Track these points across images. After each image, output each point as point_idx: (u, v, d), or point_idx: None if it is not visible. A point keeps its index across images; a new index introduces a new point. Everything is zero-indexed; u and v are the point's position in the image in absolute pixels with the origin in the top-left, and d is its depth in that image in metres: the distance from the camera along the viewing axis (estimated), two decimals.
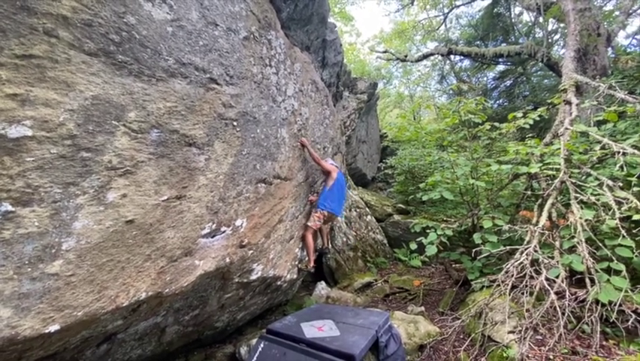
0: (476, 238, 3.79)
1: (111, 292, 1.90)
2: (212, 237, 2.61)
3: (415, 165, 8.11)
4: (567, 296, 2.63)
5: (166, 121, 2.12)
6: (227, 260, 2.77)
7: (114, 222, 1.90)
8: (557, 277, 2.83)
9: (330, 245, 5.98)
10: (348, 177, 8.30)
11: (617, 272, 2.66)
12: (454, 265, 5.83)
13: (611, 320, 2.54)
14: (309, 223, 4.04)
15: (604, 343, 2.59)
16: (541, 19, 9.46)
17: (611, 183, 3.03)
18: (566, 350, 2.53)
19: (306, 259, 4.48)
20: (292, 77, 3.67)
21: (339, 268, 5.98)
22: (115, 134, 1.88)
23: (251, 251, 3.09)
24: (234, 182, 2.72)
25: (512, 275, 2.96)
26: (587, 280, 2.75)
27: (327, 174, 4.25)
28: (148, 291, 2.09)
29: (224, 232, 2.70)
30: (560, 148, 3.79)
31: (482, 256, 3.53)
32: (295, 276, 4.27)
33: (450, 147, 5.91)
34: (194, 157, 2.33)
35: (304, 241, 4.15)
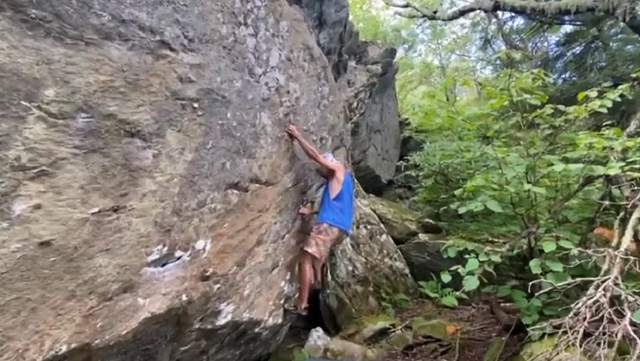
0: (534, 266, 3.81)
1: (18, 344, 1.88)
2: (163, 265, 2.61)
3: (448, 165, 8.16)
4: None
5: (98, 102, 2.13)
6: (184, 298, 2.77)
7: (23, 244, 1.88)
8: None
9: (327, 277, 6.06)
10: (355, 181, 8.36)
11: None
12: (502, 305, 5.86)
13: None
14: (309, 249, 4.15)
15: None
16: None
17: None
18: None
19: (296, 296, 4.49)
20: (277, 40, 3.71)
21: (343, 309, 5.99)
22: (25, 120, 1.87)
23: (218, 285, 3.08)
24: (194, 187, 2.74)
25: (584, 319, 2.96)
26: None
27: (329, 175, 4.36)
28: (71, 342, 2.07)
29: (179, 258, 2.71)
30: None
31: (542, 291, 3.54)
32: (280, 320, 4.29)
33: (497, 139, 5.96)
34: (138, 152, 2.34)
35: (300, 273, 4.28)
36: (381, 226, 7.78)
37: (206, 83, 2.77)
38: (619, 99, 4.38)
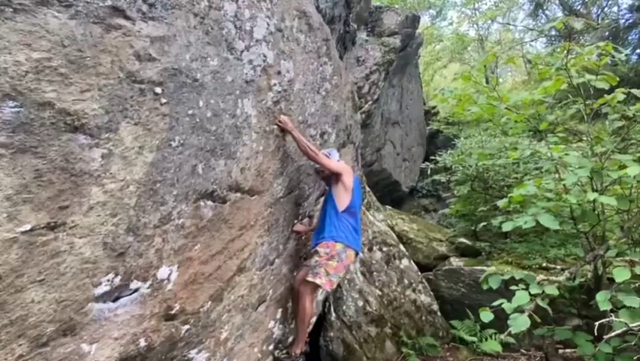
0: (602, 300, 3.78)
1: None
2: (115, 300, 2.59)
3: (488, 167, 8.12)
4: None
5: (31, 86, 2.11)
6: (143, 343, 2.74)
7: None
8: None
9: (329, 315, 6.04)
10: (367, 189, 8.49)
11: None
12: (561, 351, 5.81)
13: None
14: (317, 281, 4.12)
15: None
16: None
17: None
18: None
19: (290, 339, 4.46)
20: (264, 5, 3.70)
21: (351, 357, 5.95)
22: None
23: (187, 326, 3.06)
24: (156, 198, 2.73)
25: None
26: None
27: (333, 180, 4.39)
28: None
29: (136, 290, 2.69)
30: None
31: (613, 334, 3.50)
32: None
33: (552, 134, 5.94)
34: (83, 152, 2.31)
35: (299, 310, 4.26)
36: (402, 247, 7.65)
37: (172, 62, 2.75)
38: None
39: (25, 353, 2.17)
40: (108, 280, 2.51)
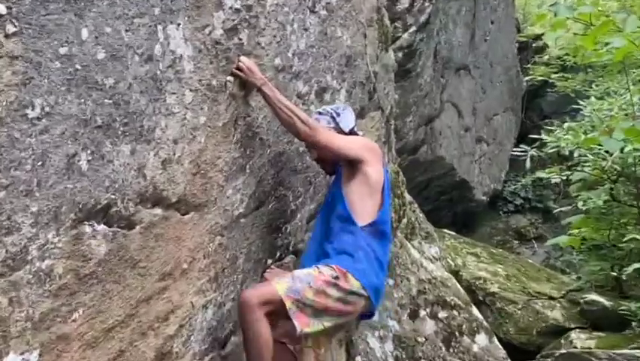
0: None
1: None
2: None
3: None
4: None
5: None
6: None
7: None
8: None
9: None
10: (405, 197, 5.86)
11: None
12: None
13: None
14: (287, 300, 2.87)
15: None
16: None
17: None
18: None
19: None
20: None
21: None
22: None
23: None
24: None
25: None
26: None
27: (347, 167, 3.18)
28: None
29: None
30: None
31: None
32: None
33: None
34: None
35: (246, 335, 3.00)
36: (475, 312, 5.48)
37: None
38: None
39: None
40: None
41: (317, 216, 3.59)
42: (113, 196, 2.27)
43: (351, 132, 3.28)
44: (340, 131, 3.23)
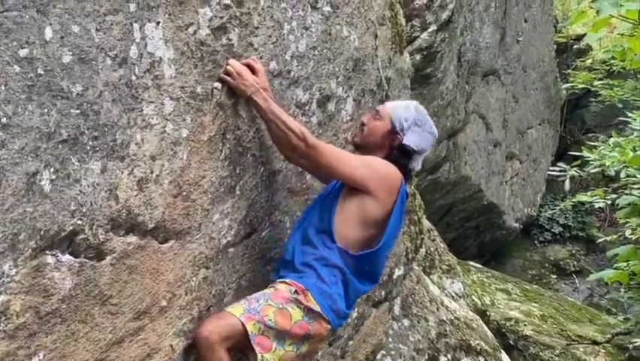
0: None
1: None
2: None
3: None
4: None
5: None
6: None
7: None
8: None
9: None
10: (424, 223, 5.38)
11: None
12: None
13: None
14: (248, 323, 2.68)
15: None
16: None
17: None
18: None
19: None
20: None
21: None
22: None
23: None
24: None
25: None
26: None
27: (351, 188, 2.85)
28: None
29: None
30: None
31: None
32: None
33: None
34: None
35: None
36: (504, 357, 4.98)
37: None
38: None
39: None
40: None
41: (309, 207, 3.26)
42: (79, 222, 2.04)
43: (404, 151, 2.88)
44: (394, 142, 2.89)
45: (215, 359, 2.53)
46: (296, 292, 2.68)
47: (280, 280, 2.78)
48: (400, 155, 2.86)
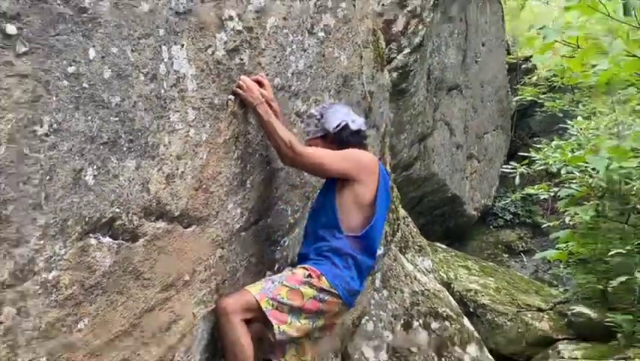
0: None
1: None
2: None
3: (630, 174, 5.50)
4: None
5: None
6: None
7: None
8: None
9: None
10: (400, 211, 5.88)
11: None
12: None
13: None
14: (262, 300, 2.85)
15: None
16: None
17: None
18: None
19: None
20: None
21: None
22: None
23: None
24: (6, 232, 1.96)
25: None
26: None
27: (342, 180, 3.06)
28: None
29: None
30: None
31: None
32: None
33: None
34: None
35: (226, 347, 2.91)
36: (466, 323, 5.45)
37: None
38: None
39: None
40: None
41: (306, 217, 3.52)
42: (117, 210, 2.27)
43: (343, 128, 3.12)
44: (327, 133, 3.14)
45: (229, 327, 2.76)
46: (309, 275, 2.87)
47: (300, 265, 2.99)
48: (345, 137, 3.11)
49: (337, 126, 3.08)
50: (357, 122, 3.17)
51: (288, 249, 3.79)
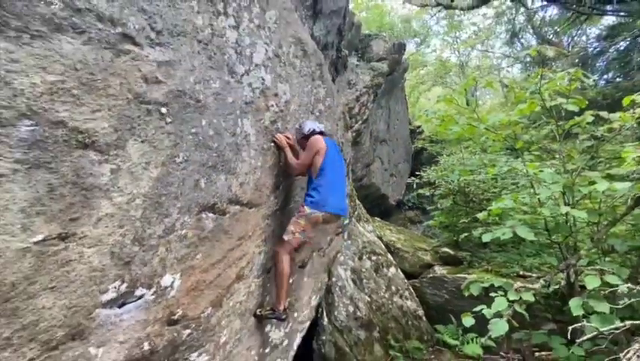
0: (574, 306, 3.80)
1: None
2: (121, 306, 2.59)
3: (469, 182, 8.18)
4: None
5: (45, 106, 2.12)
6: (147, 347, 2.74)
7: None
8: None
9: (322, 319, 6.03)
10: (357, 202, 8.49)
11: None
12: (537, 354, 5.80)
13: None
14: (285, 237, 4.06)
15: None
16: None
17: None
18: None
19: (268, 300, 4.33)
20: (262, 32, 3.76)
21: (343, 359, 5.92)
22: None
23: (188, 331, 3.06)
24: (161, 210, 2.75)
25: None
26: None
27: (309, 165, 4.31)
28: None
29: (141, 297, 2.69)
30: None
31: (585, 338, 3.51)
32: None
33: (527, 152, 6.00)
34: (93, 167, 2.33)
35: (277, 267, 4.09)
36: (389, 257, 7.72)
37: (177, 84, 2.79)
38: None
39: (36, 357, 2.16)
40: (115, 288, 2.51)
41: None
42: (216, 200, 3.19)
43: (312, 132, 4.31)
44: (304, 134, 4.29)
45: (278, 259, 3.93)
46: (299, 211, 4.09)
47: (299, 208, 4.17)
48: (313, 134, 4.30)
49: (309, 130, 4.36)
50: (319, 127, 4.45)
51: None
